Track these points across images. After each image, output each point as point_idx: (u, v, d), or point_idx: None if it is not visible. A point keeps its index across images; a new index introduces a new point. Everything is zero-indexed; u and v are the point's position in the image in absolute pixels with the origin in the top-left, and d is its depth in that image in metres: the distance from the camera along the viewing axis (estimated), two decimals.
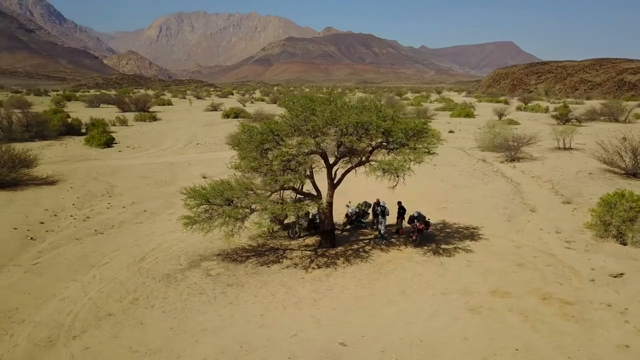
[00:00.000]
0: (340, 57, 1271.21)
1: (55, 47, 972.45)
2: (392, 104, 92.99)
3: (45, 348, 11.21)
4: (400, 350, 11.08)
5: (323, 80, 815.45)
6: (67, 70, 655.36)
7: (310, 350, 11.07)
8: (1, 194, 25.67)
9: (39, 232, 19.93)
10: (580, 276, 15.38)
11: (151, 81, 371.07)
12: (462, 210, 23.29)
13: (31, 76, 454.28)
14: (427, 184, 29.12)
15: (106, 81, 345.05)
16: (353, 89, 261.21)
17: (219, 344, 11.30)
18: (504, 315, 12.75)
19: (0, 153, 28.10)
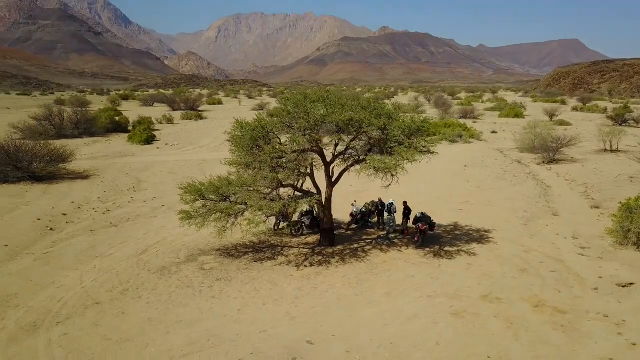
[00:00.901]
0: (396, 57, 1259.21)
1: (120, 48, 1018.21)
2: (441, 102, 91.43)
3: (29, 332, 11.78)
4: (366, 351, 10.87)
5: (377, 80, 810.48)
6: (130, 70, 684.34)
7: (275, 346, 11.06)
8: (38, 186, 27.18)
9: (60, 223, 20.94)
10: (584, 284, 14.55)
11: (207, 81, 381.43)
12: (479, 213, 22.53)
13: (97, 76, 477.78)
14: (450, 185, 28.40)
15: (165, 81, 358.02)
16: (406, 89, 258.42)
17: (189, 336, 11.50)
18: (487, 321, 12.25)
19: (39, 149, 29.70)
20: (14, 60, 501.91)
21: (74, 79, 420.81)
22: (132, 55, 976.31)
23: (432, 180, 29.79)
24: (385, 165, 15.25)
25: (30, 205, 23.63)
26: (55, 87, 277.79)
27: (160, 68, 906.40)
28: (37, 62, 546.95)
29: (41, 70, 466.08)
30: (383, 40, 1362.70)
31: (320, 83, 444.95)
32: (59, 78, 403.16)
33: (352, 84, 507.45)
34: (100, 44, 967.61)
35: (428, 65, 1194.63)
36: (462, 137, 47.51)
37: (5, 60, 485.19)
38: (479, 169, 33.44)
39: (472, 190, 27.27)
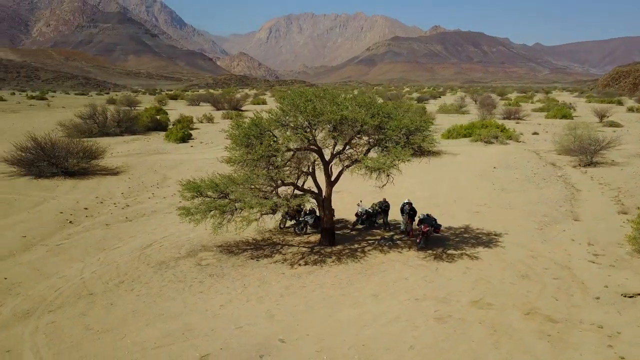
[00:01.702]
0: (447, 56, 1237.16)
1: (174, 50, 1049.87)
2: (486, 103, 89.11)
3: (21, 319, 12.36)
4: (336, 352, 10.76)
5: (427, 79, 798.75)
6: (184, 71, 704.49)
7: (245, 343, 11.12)
8: (69, 181, 28.45)
9: (79, 216, 21.83)
10: (586, 292, 13.83)
11: (256, 81, 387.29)
12: (495, 216, 21.82)
13: (151, 77, 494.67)
14: (472, 187, 27.65)
15: (215, 81, 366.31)
16: (455, 89, 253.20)
17: (166, 329, 11.74)
18: (470, 327, 11.86)
19: (72, 145, 31.07)
20: (76, 61, 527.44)
21: (130, 79, 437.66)
22: (186, 56, 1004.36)
23: (455, 182, 29.10)
24: (378, 164, 14.97)
25: (58, 199, 24.77)
26: (112, 87, 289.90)
27: (212, 68, 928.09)
28: (97, 63, 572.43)
29: (100, 71, 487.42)
30: (434, 40, 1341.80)
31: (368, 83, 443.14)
32: (116, 78, 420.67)
33: (400, 83, 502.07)
34: (156, 46, 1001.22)
35: (480, 65, 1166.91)
36: (497, 138, 46.11)
37: (68, 61, 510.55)
38: (508, 170, 32.36)
39: (495, 192, 26.43)
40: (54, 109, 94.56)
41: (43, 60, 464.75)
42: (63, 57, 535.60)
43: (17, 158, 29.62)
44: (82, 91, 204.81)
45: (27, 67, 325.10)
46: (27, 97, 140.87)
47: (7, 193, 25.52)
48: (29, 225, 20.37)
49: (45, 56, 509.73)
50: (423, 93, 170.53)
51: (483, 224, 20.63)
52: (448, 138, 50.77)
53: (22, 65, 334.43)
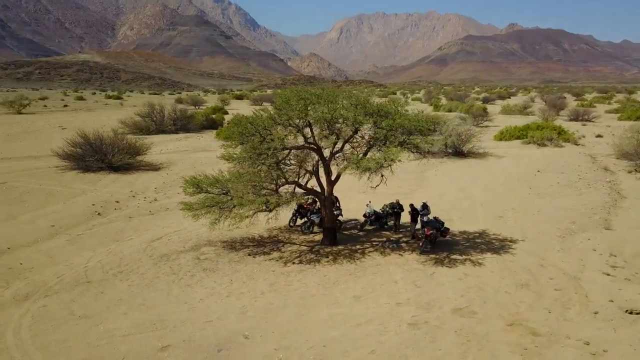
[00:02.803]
0: (523, 55, 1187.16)
1: (247, 51, 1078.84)
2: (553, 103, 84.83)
3: (18, 302, 13.25)
4: (294, 351, 10.69)
5: (501, 79, 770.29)
6: (255, 72, 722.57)
7: (209, 337, 11.31)
8: (111, 175, 30.12)
9: (108, 209, 23.04)
10: (586, 306, 12.88)
11: (324, 81, 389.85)
12: (519, 221, 20.75)
13: (224, 77, 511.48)
14: (506, 190, 26.46)
15: (284, 82, 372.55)
16: (530, 89, 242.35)
17: (140, 319, 12.16)
18: (442, 335, 11.38)
19: (118, 142, 32.80)
20: (155, 62, 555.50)
21: (204, 79, 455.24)
22: (258, 57, 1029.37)
23: (489, 185, 27.95)
24: (366, 164, 14.66)
25: (95, 192, 26.27)
26: (185, 87, 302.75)
27: (282, 69, 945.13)
28: (173, 64, 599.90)
29: (176, 72, 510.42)
30: (510, 38, 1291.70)
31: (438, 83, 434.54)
32: (191, 79, 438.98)
33: (472, 84, 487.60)
34: (230, 47, 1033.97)
35: (560, 64, 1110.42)
36: (552, 141, 43.74)
37: (148, 62, 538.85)
38: (553, 174, 30.62)
39: (529, 197, 25.10)
40: (126, 108, 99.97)
41: (125, 61, 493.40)
42: (143, 58, 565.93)
43: (68, 153, 31.70)
44: (156, 91, 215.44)
45: (109, 69, 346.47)
46: (105, 97, 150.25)
47: (52, 185, 27.39)
48: (61, 216, 21.75)
49: (127, 58, 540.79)
50: (492, 93, 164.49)
51: (502, 229, 19.69)
52: (500, 140, 48.84)
53: (106, 66, 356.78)
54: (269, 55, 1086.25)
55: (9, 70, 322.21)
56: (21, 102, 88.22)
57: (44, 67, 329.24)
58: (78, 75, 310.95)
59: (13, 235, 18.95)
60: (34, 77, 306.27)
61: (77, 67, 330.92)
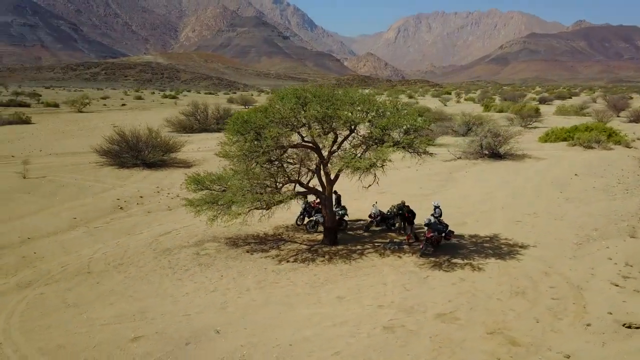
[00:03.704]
0: (591, 54, 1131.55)
1: (304, 51, 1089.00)
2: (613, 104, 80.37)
3: (20, 289, 14.02)
4: (259, 349, 10.73)
5: (566, 79, 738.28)
6: (311, 72, 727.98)
7: (181, 330, 11.53)
8: (144, 172, 31.29)
9: (132, 204, 23.93)
10: (580, 317, 12.16)
11: (378, 81, 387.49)
12: (537, 227, 19.84)
13: (280, 77, 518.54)
14: (533, 194, 25.37)
15: (338, 81, 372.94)
16: (595, 89, 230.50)
17: (124, 309, 12.58)
18: (415, 340, 11.08)
19: (152, 140, 33.99)
20: (214, 63, 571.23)
21: (260, 79, 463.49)
22: (315, 57, 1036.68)
23: (518, 188, 26.86)
24: (355, 164, 14.43)
25: (124, 187, 27.37)
26: (242, 87, 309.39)
27: (339, 69, 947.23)
28: (232, 64, 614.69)
29: (234, 72, 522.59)
30: (577, 36, 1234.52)
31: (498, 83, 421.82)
32: (247, 79, 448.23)
33: (534, 83, 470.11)
34: (287, 47, 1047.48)
35: (632, 62, 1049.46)
36: (600, 143, 41.46)
37: (207, 63, 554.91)
38: (590, 178, 29.05)
39: (556, 201, 23.93)
40: (179, 107, 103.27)
41: (185, 62, 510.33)
42: (203, 59, 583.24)
43: (105, 150, 33.20)
44: (212, 91, 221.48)
45: (170, 69, 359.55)
46: (162, 97, 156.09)
47: (86, 180, 28.77)
48: (86, 209, 22.81)
49: (188, 59, 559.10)
50: (553, 93, 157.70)
51: (516, 234, 18.89)
52: (546, 141, 46.83)
53: (167, 67, 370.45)
54: (325, 56, 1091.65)
55: (78, 71, 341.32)
56: (82, 101, 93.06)
57: (110, 68, 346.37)
58: (140, 75, 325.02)
59: (37, 226, 20.06)
60: (100, 77, 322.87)
61: (140, 68, 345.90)
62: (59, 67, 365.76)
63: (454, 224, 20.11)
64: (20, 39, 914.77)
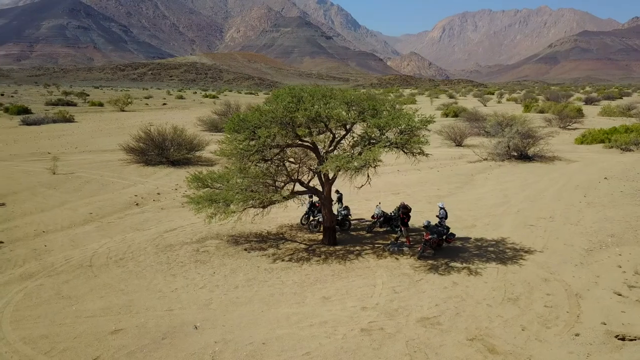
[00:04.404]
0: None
1: (347, 51, 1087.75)
2: None
3: (23, 280, 14.60)
4: (231, 345, 10.79)
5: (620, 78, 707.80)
6: (353, 72, 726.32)
7: (162, 324, 11.73)
8: (168, 169, 32.18)
9: (148, 201, 24.54)
10: (571, 326, 11.64)
11: (421, 81, 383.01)
12: (549, 231, 19.11)
13: (321, 77, 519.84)
14: (554, 197, 24.46)
15: (380, 81, 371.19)
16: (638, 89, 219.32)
17: (112, 303, 12.91)
18: (391, 344, 10.88)
19: (176, 138, 34.74)
20: (257, 63, 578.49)
21: (302, 79, 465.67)
22: (357, 57, 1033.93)
23: (539, 191, 25.96)
24: (340, 163, 14.25)
25: (145, 184, 28.11)
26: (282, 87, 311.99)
27: (381, 69, 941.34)
28: (274, 65, 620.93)
29: (276, 72, 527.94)
30: (633, 33, 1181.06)
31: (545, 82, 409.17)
32: (289, 79, 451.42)
33: (585, 83, 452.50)
34: (330, 47, 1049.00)
35: None
36: (639, 145, 39.57)
37: (250, 63, 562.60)
38: (620, 182, 27.74)
39: (577, 205, 22.97)
40: (218, 106, 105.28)
41: (229, 62, 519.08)
42: (246, 59, 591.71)
43: (132, 147, 34.20)
44: (252, 91, 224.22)
45: (214, 69, 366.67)
46: (202, 96, 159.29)
47: (111, 176, 29.72)
48: (104, 204, 23.55)
49: (231, 59, 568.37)
50: (602, 93, 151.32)
51: (525, 238, 18.27)
52: (582, 143, 45.08)
53: (211, 67, 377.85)
54: (368, 55, 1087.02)
55: (126, 71, 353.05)
56: (124, 101, 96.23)
57: (156, 69, 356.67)
58: (185, 75, 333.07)
59: (54, 220, 20.87)
60: (146, 77, 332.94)
61: (185, 68, 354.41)
62: (109, 68, 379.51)
63: (463, 227, 19.74)
64: (74, 41, 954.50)
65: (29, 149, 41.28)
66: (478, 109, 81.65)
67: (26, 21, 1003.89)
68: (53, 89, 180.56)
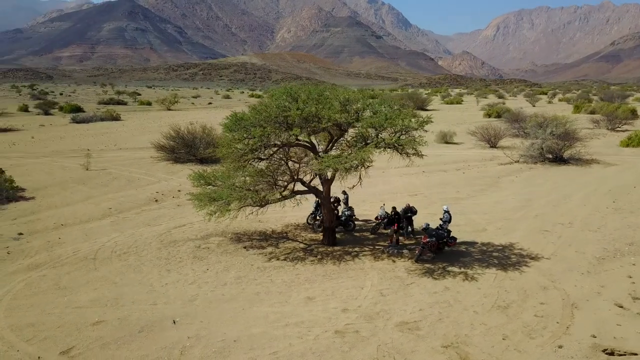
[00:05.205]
0: None
1: (397, 50, 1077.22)
2: None
3: (29, 270, 15.31)
4: (203, 341, 10.93)
5: None
6: (403, 71, 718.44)
7: (144, 318, 12.02)
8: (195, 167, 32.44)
9: (167, 197, 25.21)
10: (554, 338, 11.10)
11: (471, 81, 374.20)
12: (563, 237, 18.28)
13: (369, 77, 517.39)
14: (579, 203, 23.37)
15: (429, 81, 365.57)
16: None
17: (103, 295, 13.34)
18: (362, 347, 10.71)
19: (204, 136, 35.46)
20: (305, 63, 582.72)
21: (350, 79, 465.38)
22: (407, 56, 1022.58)
23: (566, 195, 24.85)
24: (328, 163, 14.10)
25: (169, 181, 28.89)
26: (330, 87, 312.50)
27: (432, 68, 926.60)
28: (323, 64, 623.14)
29: (324, 72, 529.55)
30: None
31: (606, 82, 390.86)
32: (337, 79, 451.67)
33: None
34: (380, 47, 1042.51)
35: None
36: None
37: (299, 63, 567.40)
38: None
39: (603, 211, 21.83)
40: None
41: (278, 63, 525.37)
42: (295, 59, 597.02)
43: (162, 145, 35.21)
44: None
45: (263, 70, 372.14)
46: (249, 96, 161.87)
47: (138, 173, 30.72)
48: (125, 200, 24.38)
49: (280, 59, 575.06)
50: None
51: (535, 244, 17.53)
52: (627, 145, 42.79)
53: (260, 67, 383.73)
54: (419, 55, 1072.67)
55: (178, 71, 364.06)
56: (171, 100, 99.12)
57: (207, 69, 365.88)
58: (234, 75, 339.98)
59: (74, 214, 21.78)
60: (197, 77, 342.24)
61: (235, 68, 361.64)
62: (162, 68, 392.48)
63: (472, 231, 19.22)
64: (132, 42, 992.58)
65: (72, 145, 43.23)
66: (525, 109, 78.80)
67: (89, 24, 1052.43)
68: (108, 89, 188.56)
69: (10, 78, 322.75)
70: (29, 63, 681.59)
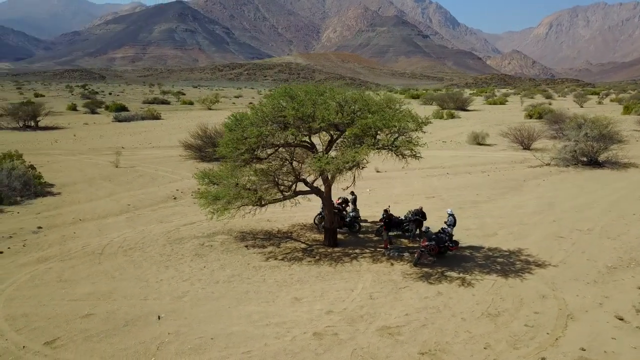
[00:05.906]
0: None
1: (444, 50, 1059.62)
2: None
3: (38, 262, 15.96)
4: (180, 338, 11.10)
5: None
6: (449, 71, 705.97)
7: (131, 312, 12.33)
8: None
9: (186, 195, 25.73)
10: (540, 350, 10.64)
11: (520, 81, 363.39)
12: (577, 244, 17.50)
13: (415, 77, 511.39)
14: (603, 209, 22.36)
15: (475, 81, 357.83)
16: None
17: (98, 289, 13.75)
18: (338, 350, 10.61)
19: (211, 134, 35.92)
20: (350, 63, 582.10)
21: (394, 79, 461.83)
22: (455, 55, 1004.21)
23: (591, 201, 23.78)
24: (321, 164, 13.99)
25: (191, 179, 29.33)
26: (373, 86, 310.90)
27: (480, 68, 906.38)
28: (368, 64, 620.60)
29: (369, 72, 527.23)
30: None
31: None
32: (381, 79, 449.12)
33: None
34: (427, 46, 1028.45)
35: None
36: None
37: (343, 63, 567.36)
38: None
39: (627, 218, 20.76)
40: None
41: (322, 62, 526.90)
42: (339, 59, 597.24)
43: (189, 144, 35.98)
44: None
45: (306, 69, 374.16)
46: None
47: (164, 171, 31.53)
48: (145, 197, 25.06)
49: (325, 59, 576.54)
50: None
51: (545, 250, 16.86)
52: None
53: (304, 67, 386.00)
54: (466, 54, 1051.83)
55: (224, 71, 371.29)
56: (211, 100, 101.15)
57: (252, 69, 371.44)
58: (278, 75, 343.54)
59: (94, 210, 22.57)
60: (242, 77, 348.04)
61: (279, 69, 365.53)
62: (209, 68, 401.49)
63: (482, 235, 18.74)
64: (181, 43, 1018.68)
65: (108, 143, 44.78)
66: (570, 110, 75.84)
67: (141, 26, 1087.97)
68: (155, 89, 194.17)
69: (67, 78, 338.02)
70: (84, 64, 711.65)
